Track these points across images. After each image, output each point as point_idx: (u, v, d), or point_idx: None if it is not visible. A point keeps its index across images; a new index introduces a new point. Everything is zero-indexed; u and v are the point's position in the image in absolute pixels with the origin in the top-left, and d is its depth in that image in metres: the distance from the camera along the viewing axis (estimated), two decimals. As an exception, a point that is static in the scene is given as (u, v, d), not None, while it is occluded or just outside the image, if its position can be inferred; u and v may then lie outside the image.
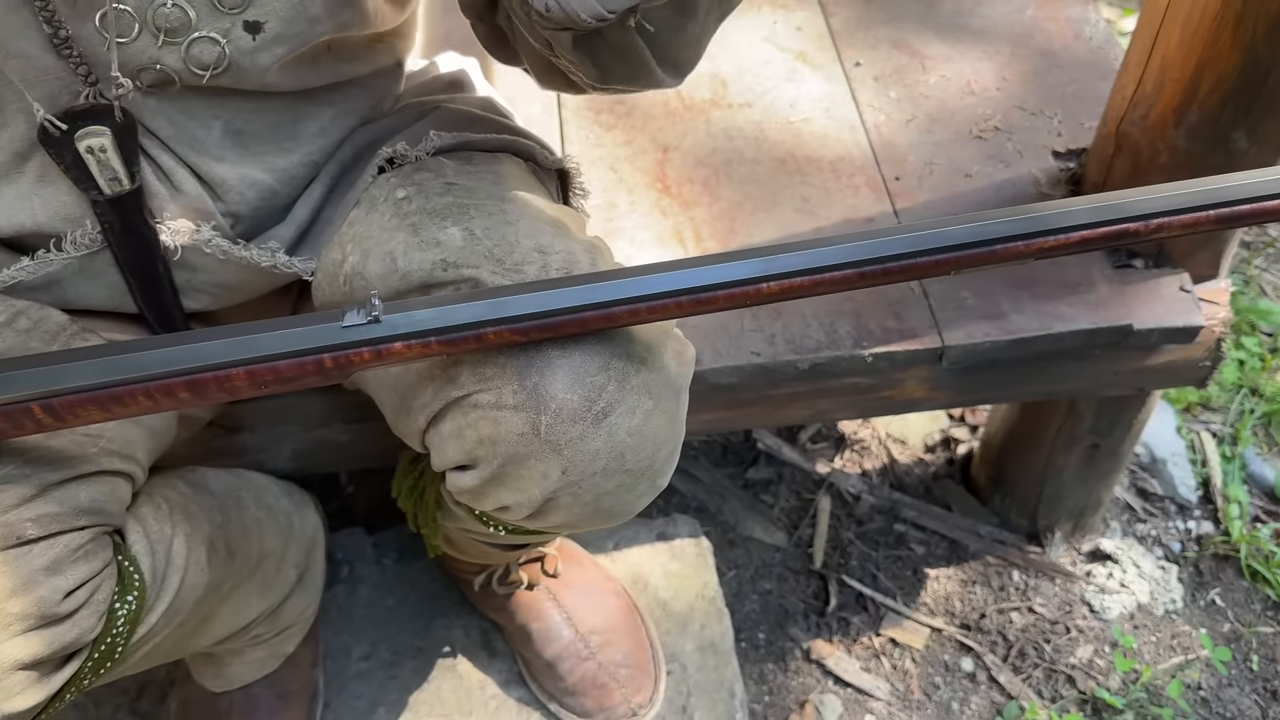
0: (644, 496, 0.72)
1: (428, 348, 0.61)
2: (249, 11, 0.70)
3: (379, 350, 0.61)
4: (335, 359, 0.61)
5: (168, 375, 0.60)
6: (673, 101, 1.37)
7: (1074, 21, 1.43)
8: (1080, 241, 0.66)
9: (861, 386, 1.16)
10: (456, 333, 0.61)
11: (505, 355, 0.65)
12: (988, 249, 0.65)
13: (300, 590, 1.03)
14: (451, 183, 0.77)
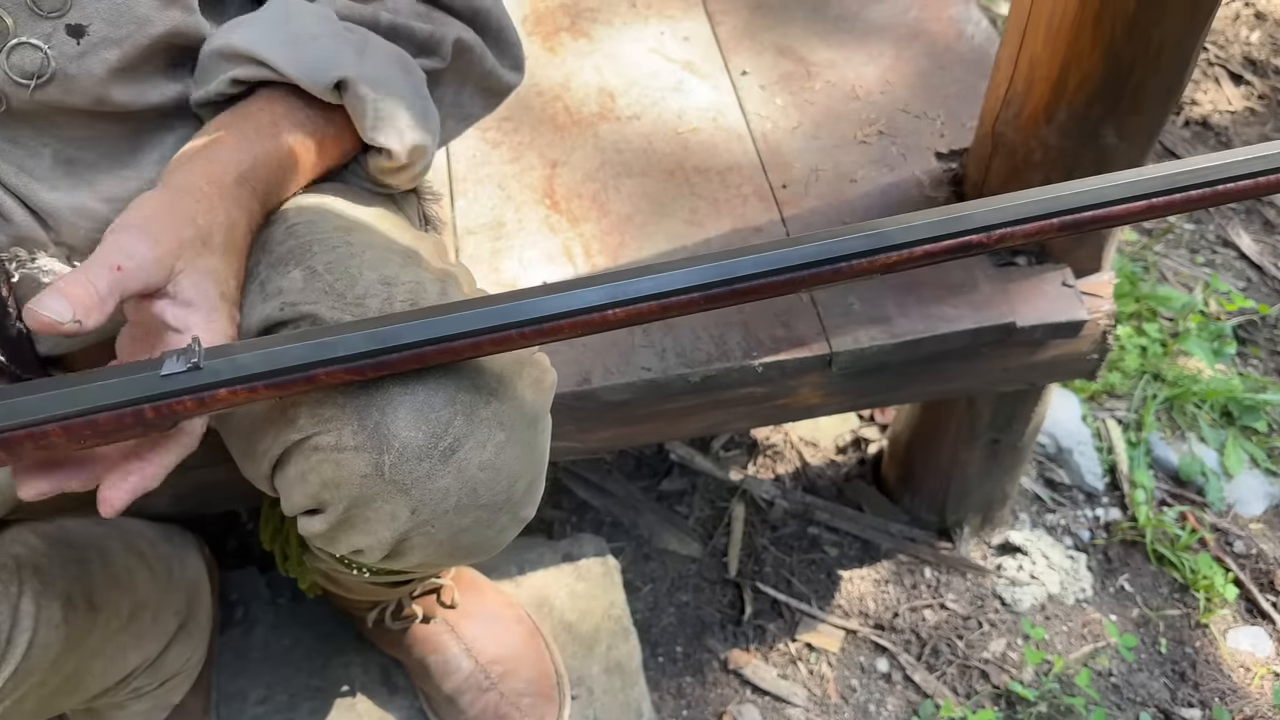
0: (506, 530, 0.71)
1: (254, 393, 0.59)
2: (70, 15, 0.68)
3: (202, 398, 0.58)
4: (156, 409, 0.58)
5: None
6: (561, 116, 1.36)
7: (956, 21, 1.44)
8: (924, 255, 0.65)
9: (756, 396, 1.16)
10: (284, 375, 0.59)
11: (344, 395, 0.63)
12: (832, 267, 0.64)
13: (183, 638, 1.00)
14: (293, 225, 0.74)
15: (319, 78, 0.72)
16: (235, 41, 0.73)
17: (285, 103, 0.74)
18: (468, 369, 0.66)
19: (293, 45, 0.73)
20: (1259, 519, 1.64)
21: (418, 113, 0.77)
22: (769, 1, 1.49)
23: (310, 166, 0.76)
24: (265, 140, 0.71)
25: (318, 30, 0.74)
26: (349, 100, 0.74)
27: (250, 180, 0.70)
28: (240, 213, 0.68)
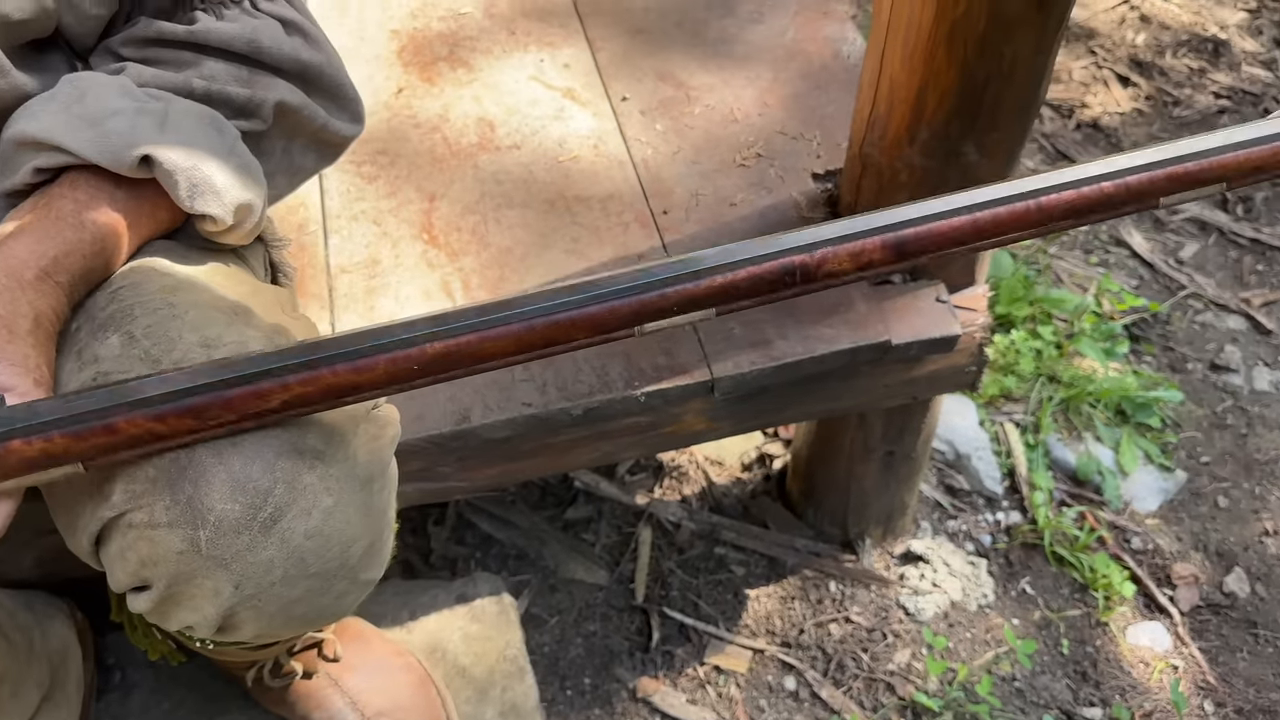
0: (346, 596, 0.69)
1: (50, 441, 0.57)
2: None
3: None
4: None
5: None
6: (439, 148, 1.35)
7: (832, 41, 1.46)
8: (747, 278, 0.66)
9: (640, 425, 1.15)
10: (81, 423, 0.57)
11: (155, 468, 0.61)
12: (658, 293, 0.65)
13: (49, 709, 0.96)
14: (117, 289, 0.72)
15: (121, 157, 0.70)
16: (31, 130, 0.70)
17: (90, 187, 0.71)
18: (289, 432, 0.65)
19: (90, 126, 0.70)
20: (1155, 514, 1.68)
21: (236, 171, 0.75)
22: (648, 27, 1.49)
23: (125, 245, 0.74)
24: (68, 231, 0.69)
25: (116, 105, 0.71)
26: (159, 174, 0.71)
27: (53, 274, 0.68)
28: (44, 305, 0.66)
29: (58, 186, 0.71)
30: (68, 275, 0.68)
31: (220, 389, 0.59)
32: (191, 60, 0.76)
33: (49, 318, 0.66)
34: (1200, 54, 2.50)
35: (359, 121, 0.87)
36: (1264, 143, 0.70)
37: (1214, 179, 0.70)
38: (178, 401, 0.58)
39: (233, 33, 0.76)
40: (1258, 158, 0.70)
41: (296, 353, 0.61)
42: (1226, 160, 0.70)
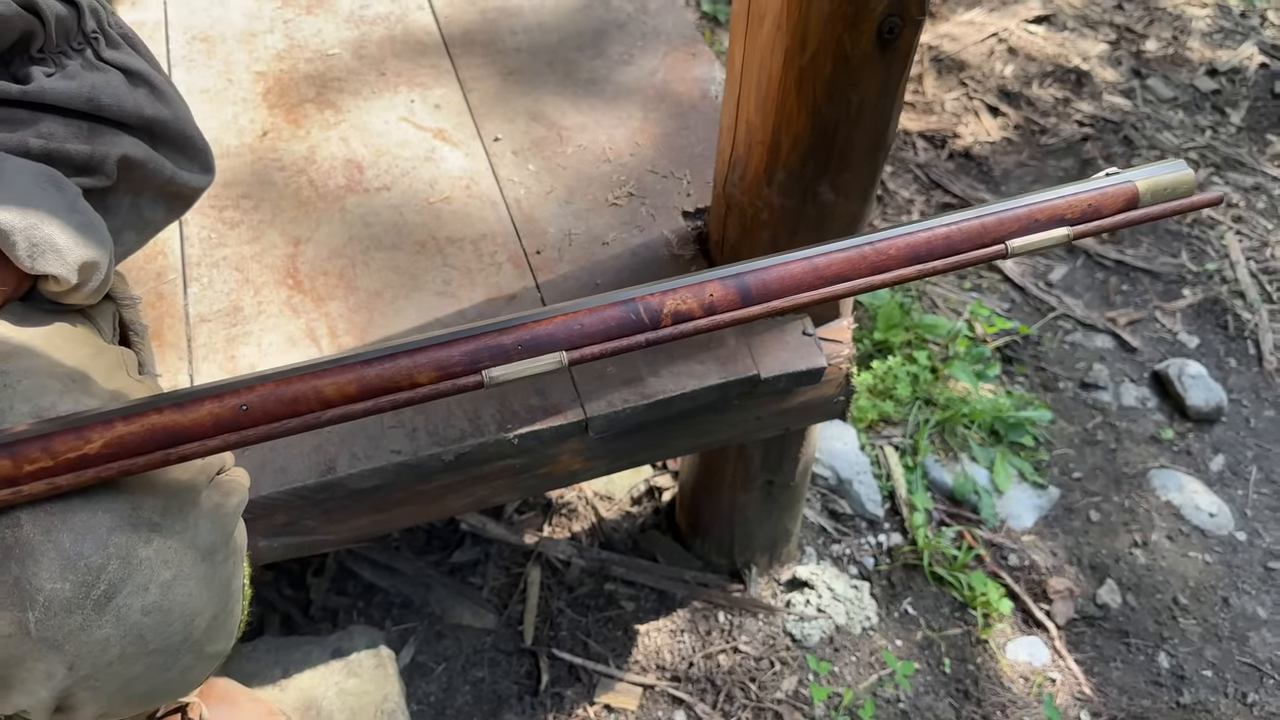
0: (193, 670, 0.67)
1: None
2: None
3: None
4: None
5: None
6: (305, 191, 1.33)
7: (700, 81, 1.48)
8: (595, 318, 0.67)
9: (515, 468, 1.15)
10: None
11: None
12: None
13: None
14: None
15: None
16: None
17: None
18: (125, 505, 0.63)
19: None
20: (1030, 531, 1.74)
21: (78, 229, 0.73)
22: (520, 67, 1.50)
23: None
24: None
25: None
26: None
27: None
28: None
29: None
30: None
31: (40, 433, 0.57)
32: (27, 119, 0.73)
33: None
34: (1064, 84, 2.62)
35: (209, 171, 0.85)
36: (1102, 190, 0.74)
37: (1056, 222, 0.73)
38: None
39: (71, 91, 0.74)
40: (1095, 200, 0.74)
41: (126, 407, 0.59)
42: (1062, 205, 0.73)
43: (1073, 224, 0.74)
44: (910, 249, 0.72)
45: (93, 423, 0.60)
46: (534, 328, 0.67)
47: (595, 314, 0.68)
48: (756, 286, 0.70)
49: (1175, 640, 1.61)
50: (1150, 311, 2.13)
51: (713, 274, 0.70)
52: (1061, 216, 0.74)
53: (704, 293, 0.69)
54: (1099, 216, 0.75)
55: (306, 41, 1.53)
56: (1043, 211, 0.74)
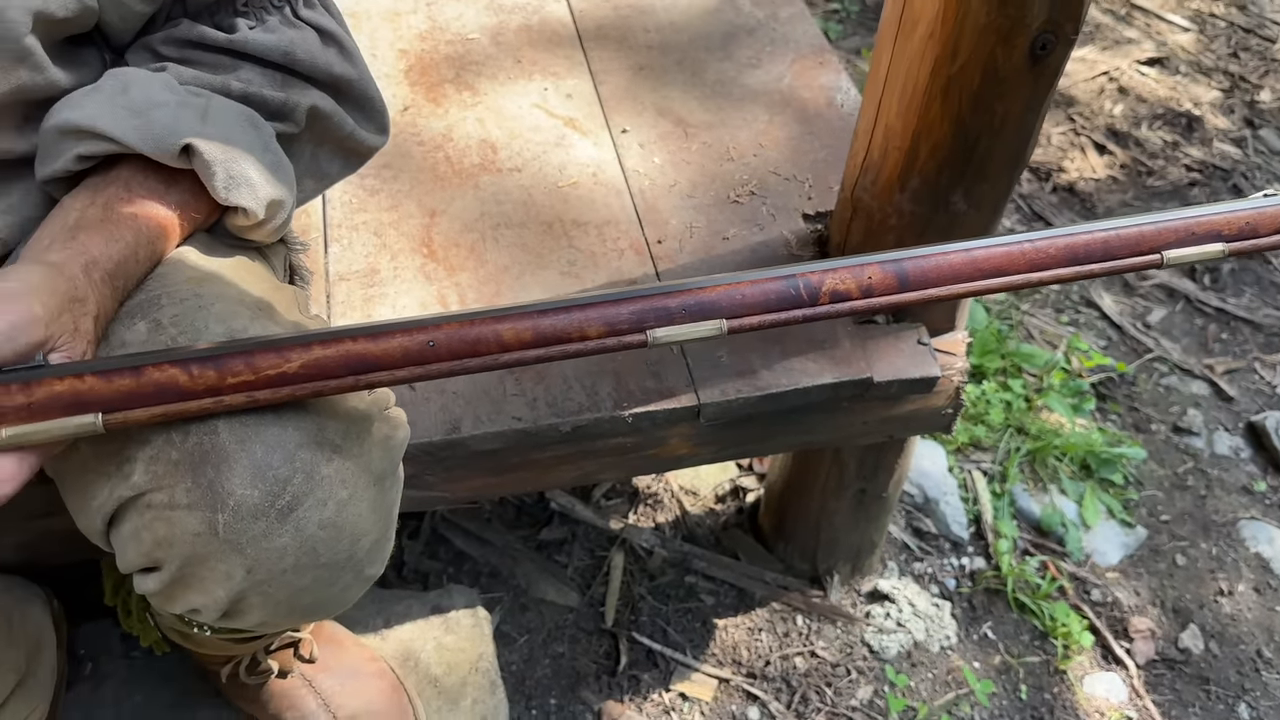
0: (350, 589, 0.70)
1: (80, 379, 0.59)
2: None
3: (28, 383, 0.58)
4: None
5: None
6: (441, 166, 1.38)
7: (827, 89, 1.51)
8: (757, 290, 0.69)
9: (625, 446, 1.18)
10: (112, 364, 0.59)
11: (179, 451, 0.63)
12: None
13: (21, 695, 0.96)
14: (147, 278, 0.74)
15: (164, 146, 0.72)
16: (76, 118, 0.72)
17: (144, 189, 0.74)
18: (310, 423, 0.67)
19: (134, 115, 0.72)
20: (1115, 568, 1.72)
21: (270, 168, 0.78)
22: (650, 64, 1.54)
23: (171, 245, 0.76)
24: (128, 233, 0.71)
25: (160, 98, 0.74)
26: (197, 164, 0.74)
27: (116, 278, 0.70)
28: (104, 307, 0.68)
29: (113, 186, 0.72)
30: (124, 280, 0.71)
31: (244, 349, 0.61)
32: (229, 65, 0.78)
33: (103, 320, 0.68)
34: (1174, 128, 2.60)
35: (384, 133, 0.90)
36: (1260, 209, 0.75)
37: (1212, 238, 0.74)
38: (203, 356, 0.61)
39: (270, 43, 0.79)
40: (1252, 219, 0.75)
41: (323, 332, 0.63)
42: (1219, 221, 0.75)
43: (1229, 240, 0.75)
44: (1069, 250, 0.74)
45: (292, 344, 0.64)
46: (698, 294, 0.70)
47: (757, 286, 0.71)
48: (914, 273, 0.72)
49: (1257, 693, 1.58)
50: (1249, 362, 2.10)
51: (872, 258, 0.72)
52: (1218, 232, 0.75)
53: (863, 274, 0.71)
54: (1255, 236, 0.76)
55: (448, 24, 1.58)
56: (1200, 225, 0.75)
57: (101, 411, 0.61)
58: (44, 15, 0.71)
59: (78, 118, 0.72)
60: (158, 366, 0.61)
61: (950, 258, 0.72)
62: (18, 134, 0.75)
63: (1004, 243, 0.73)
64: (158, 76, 0.75)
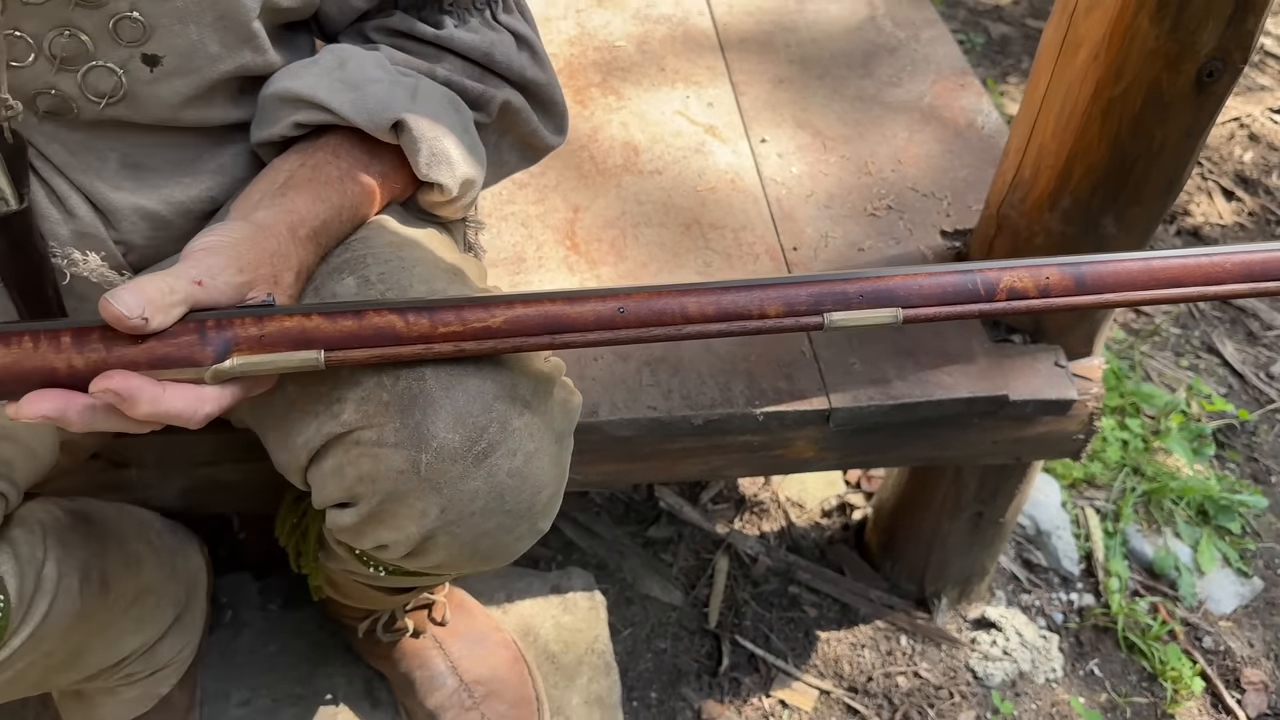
0: (523, 539, 0.74)
1: (308, 319, 0.63)
2: (148, 45, 0.73)
3: (260, 317, 0.63)
4: (219, 321, 0.62)
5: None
6: (586, 165, 1.42)
7: (968, 111, 1.51)
8: (935, 283, 0.71)
9: (754, 444, 1.20)
10: (337, 307, 0.64)
11: (390, 394, 0.67)
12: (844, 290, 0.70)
13: (178, 630, 1.01)
14: (349, 241, 0.79)
15: (377, 120, 0.77)
16: (296, 87, 0.77)
17: (350, 156, 0.78)
18: (505, 379, 0.70)
19: (351, 89, 0.77)
20: (1228, 617, 1.68)
21: (467, 149, 0.82)
22: (791, 77, 1.56)
23: (371, 212, 0.81)
24: (335, 196, 0.76)
25: (374, 74, 0.79)
26: (405, 140, 0.78)
27: (319, 236, 0.75)
28: (306, 263, 0.73)
29: (322, 151, 0.77)
30: (328, 238, 0.75)
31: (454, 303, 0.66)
32: (435, 56, 0.83)
33: (304, 273, 0.73)
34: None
35: (563, 134, 0.94)
36: None
37: None
38: (418, 306, 0.65)
39: (472, 42, 0.83)
40: None
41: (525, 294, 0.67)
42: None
43: None
44: (1245, 267, 0.74)
45: (497, 302, 0.67)
46: (877, 282, 0.72)
47: (934, 278, 0.72)
48: (1091, 277, 0.73)
49: (1377, 759, 1.52)
50: (1380, 420, 2.02)
51: (1050, 260, 0.73)
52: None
53: (1040, 274, 0.72)
54: None
55: (595, 31, 1.63)
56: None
57: (324, 349, 0.65)
58: (271, 2, 0.77)
59: (298, 87, 0.77)
60: (377, 312, 0.65)
61: (1128, 265, 0.73)
62: (233, 104, 0.81)
63: (1181, 255, 0.74)
64: (372, 55, 0.80)
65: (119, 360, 0.62)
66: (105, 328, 0.62)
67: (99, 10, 0.71)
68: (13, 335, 0.62)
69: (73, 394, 0.61)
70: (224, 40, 0.75)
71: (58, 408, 0.60)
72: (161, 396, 0.60)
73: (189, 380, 0.63)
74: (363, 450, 0.67)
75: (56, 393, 0.61)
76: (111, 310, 0.60)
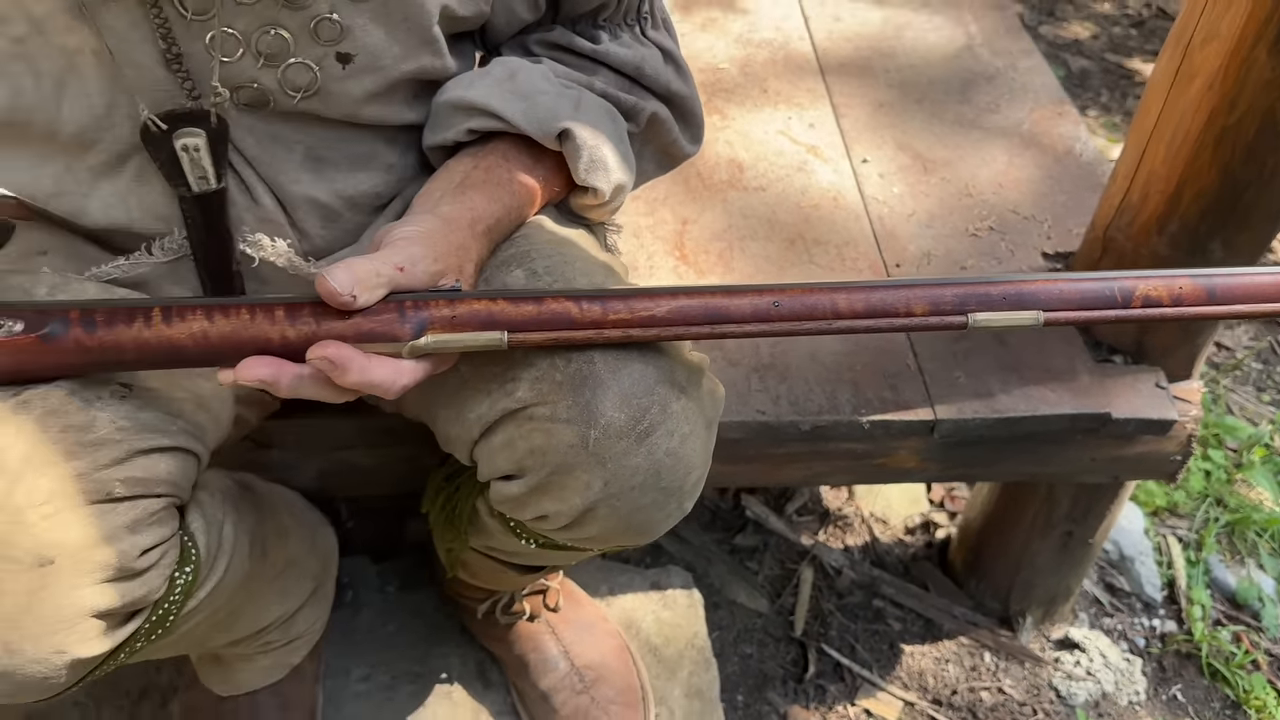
0: (670, 517, 0.78)
1: (494, 303, 0.69)
2: (342, 45, 0.79)
3: (453, 300, 0.68)
4: (416, 302, 0.68)
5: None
6: (693, 180, 1.47)
7: (1066, 139, 1.55)
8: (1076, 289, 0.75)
9: (857, 452, 1.23)
10: (519, 294, 0.70)
11: (563, 374, 0.72)
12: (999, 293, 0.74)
13: (314, 602, 1.07)
14: (514, 237, 0.85)
15: (546, 128, 0.83)
16: (470, 96, 0.84)
17: (519, 160, 0.85)
18: (664, 365, 0.75)
19: (521, 99, 0.84)
20: (1313, 651, 1.67)
21: (621, 156, 0.88)
22: (890, 101, 1.61)
23: (533, 212, 0.87)
24: (506, 196, 0.82)
25: (542, 86, 0.85)
26: (567, 147, 0.84)
27: (493, 233, 0.81)
28: (481, 256, 0.79)
29: (493, 155, 0.84)
30: (499, 234, 0.82)
31: (623, 294, 0.71)
32: (591, 69, 0.90)
33: (480, 266, 0.79)
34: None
35: (698, 143, 1.00)
36: None
37: None
38: (590, 295, 0.70)
39: (625, 56, 0.90)
40: None
41: (688, 286, 0.72)
42: None
43: None
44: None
45: (662, 293, 0.72)
46: (1020, 285, 0.76)
47: (1074, 284, 0.76)
48: (1223, 289, 0.76)
49: None
50: None
51: (1183, 271, 0.76)
52: None
53: (1174, 285, 0.76)
54: None
55: (699, 54, 1.69)
56: None
57: (507, 331, 0.70)
58: (448, 11, 0.83)
59: (472, 96, 0.84)
60: (555, 299, 0.71)
61: (1260, 279, 0.76)
62: (407, 106, 0.87)
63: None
64: (537, 68, 0.86)
65: (328, 333, 0.68)
66: (315, 304, 0.68)
67: (303, 11, 0.77)
68: (231, 307, 0.69)
69: (285, 362, 0.67)
70: (408, 42, 0.82)
71: (272, 373, 0.66)
72: (368, 366, 0.66)
73: (387, 354, 0.69)
74: (535, 425, 0.73)
75: (271, 360, 0.67)
76: (326, 286, 0.66)
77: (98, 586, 0.67)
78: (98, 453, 0.68)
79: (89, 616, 0.67)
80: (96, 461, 0.68)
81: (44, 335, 0.67)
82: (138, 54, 0.76)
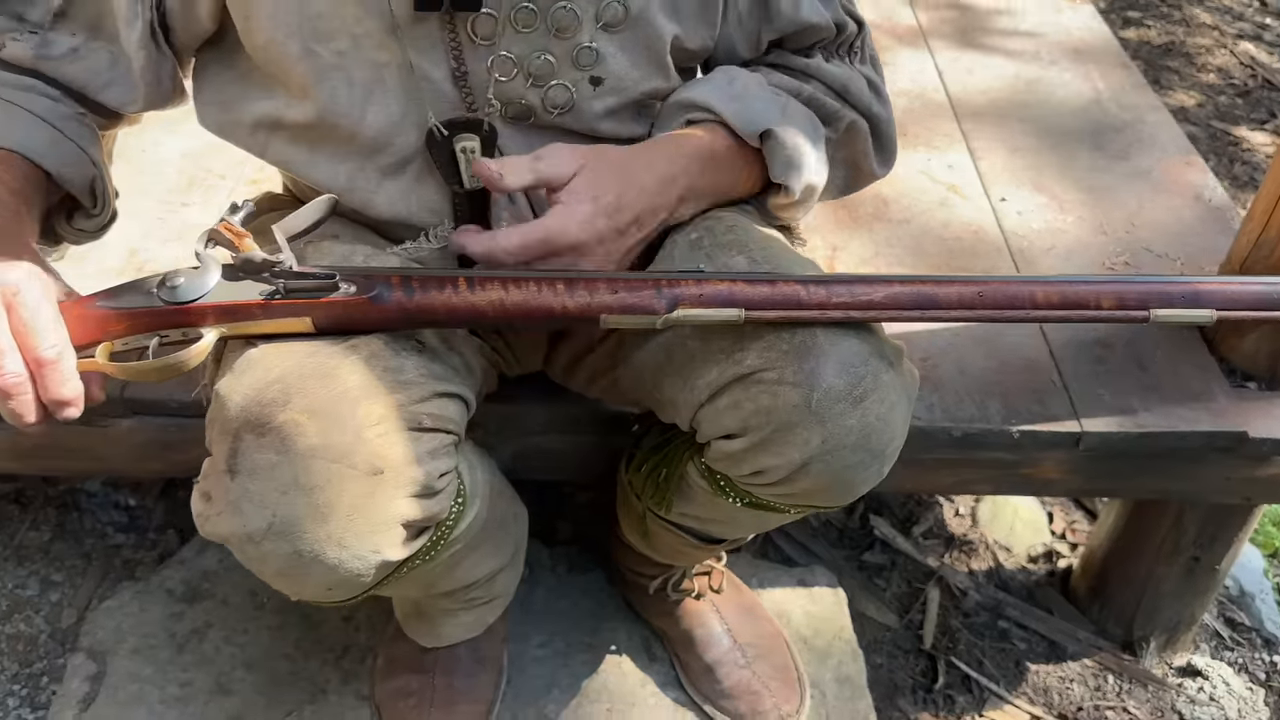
0: (870, 480, 0.88)
1: (734, 284, 0.81)
2: (595, 69, 0.94)
3: (700, 281, 0.80)
4: (670, 281, 0.81)
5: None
6: (841, 213, 1.59)
7: (1194, 186, 1.64)
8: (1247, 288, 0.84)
9: (1004, 461, 1.32)
10: (755, 276, 0.82)
11: (789, 344, 0.83)
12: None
13: (512, 565, 1.18)
14: (731, 225, 0.97)
15: (753, 126, 0.96)
16: (693, 96, 0.98)
17: (725, 142, 0.98)
18: (875, 341, 0.86)
19: (736, 100, 0.97)
20: None
21: (816, 160, 1.00)
22: (1025, 147, 1.72)
23: (730, 192, 1.00)
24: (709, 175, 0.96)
25: (754, 90, 0.98)
26: (768, 146, 0.97)
27: (689, 198, 0.95)
28: (665, 211, 0.94)
29: (698, 127, 0.97)
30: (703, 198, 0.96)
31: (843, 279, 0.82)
32: (803, 79, 1.02)
33: (662, 218, 0.93)
34: None
35: (888, 166, 1.11)
36: None
37: None
38: (816, 280, 0.82)
39: (834, 73, 1.02)
40: None
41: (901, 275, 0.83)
42: None
43: None
44: None
45: (879, 280, 0.83)
46: (1195, 286, 0.85)
47: (1244, 287, 0.85)
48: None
49: None
50: None
51: None
52: None
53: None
54: None
55: (842, 99, 1.82)
56: None
57: (744, 309, 0.82)
58: (679, 41, 0.97)
59: (694, 95, 0.97)
60: (786, 282, 0.82)
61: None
62: (634, 121, 1.01)
63: None
64: (753, 75, 1.00)
65: (600, 306, 0.81)
66: (589, 279, 0.81)
67: (568, 40, 0.91)
68: (521, 280, 0.82)
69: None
70: (646, 67, 0.96)
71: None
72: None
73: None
74: (763, 388, 0.84)
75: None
76: (483, 169, 0.85)
77: (409, 499, 0.79)
78: (410, 390, 0.81)
79: (399, 524, 0.80)
80: (411, 396, 0.81)
81: (373, 296, 0.81)
82: (433, 70, 0.91)
